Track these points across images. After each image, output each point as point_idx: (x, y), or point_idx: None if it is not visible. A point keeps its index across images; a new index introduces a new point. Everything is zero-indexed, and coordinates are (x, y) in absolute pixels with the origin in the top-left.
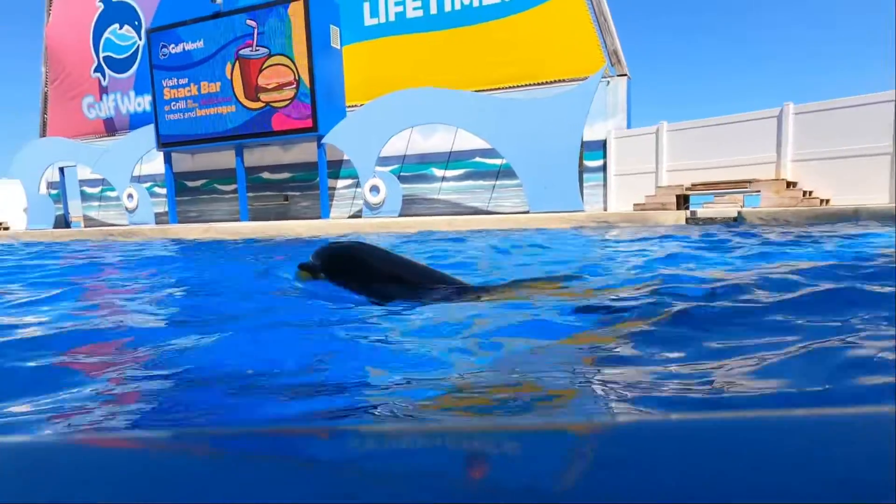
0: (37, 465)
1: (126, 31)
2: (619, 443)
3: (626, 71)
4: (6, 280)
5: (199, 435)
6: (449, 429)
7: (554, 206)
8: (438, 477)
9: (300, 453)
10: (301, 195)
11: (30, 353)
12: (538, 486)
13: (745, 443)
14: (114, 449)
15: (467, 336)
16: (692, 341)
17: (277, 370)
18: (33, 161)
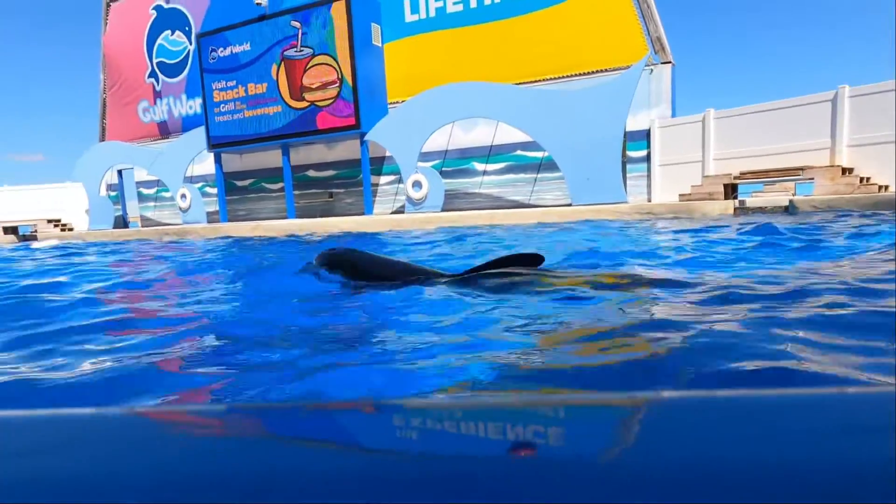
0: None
1: (177, 36)
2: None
3: (671, 58)
4: (76, 277)
5: (262, 409)
6: (492, 403)
7: (597, 197)
8: (483, 449)
9: (346, 427)
10: (345, 192)
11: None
12: (582, 458)
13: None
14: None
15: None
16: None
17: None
18: (94, 165)
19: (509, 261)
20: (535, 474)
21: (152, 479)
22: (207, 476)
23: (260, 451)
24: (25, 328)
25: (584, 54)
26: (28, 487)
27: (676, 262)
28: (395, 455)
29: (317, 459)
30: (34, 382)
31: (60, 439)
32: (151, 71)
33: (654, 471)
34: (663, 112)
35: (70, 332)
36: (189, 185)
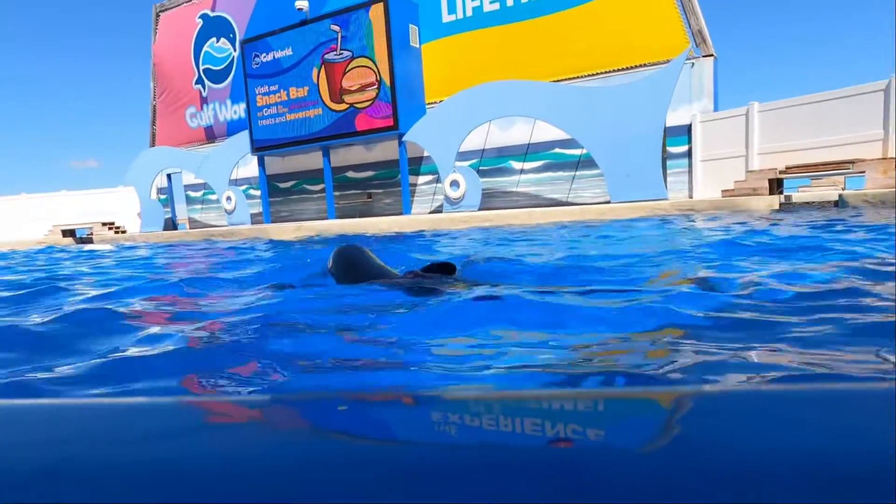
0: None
1: (223, 43)
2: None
3: (713, 51)
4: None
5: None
6: (530, 396)
7: (636, 195)
8: (520, 442)
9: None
10: (384, 192)
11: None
12: (621, 451)
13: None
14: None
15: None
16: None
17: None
18: (144, 169)
19: (433, 269)
20: (570, 467)
21: (196, 463)
22: (249, 461)
23: (298, 440)
24: (81, 325)
25: (623, 49)
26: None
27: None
28: (430, 446)
29: (353, 449)
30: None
31: (108, 427)
32: (198, 77)
33: (686, 466)
34: (705, 106)
35: (119, 328)
36: (234, 188)
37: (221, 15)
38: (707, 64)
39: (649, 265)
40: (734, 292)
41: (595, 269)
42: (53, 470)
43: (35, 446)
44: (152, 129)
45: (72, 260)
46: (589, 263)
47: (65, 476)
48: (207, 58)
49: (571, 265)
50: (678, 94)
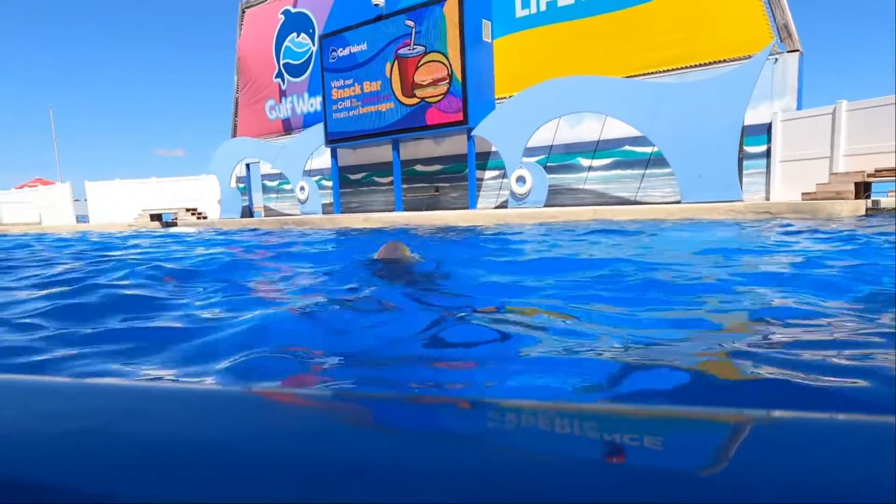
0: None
1: (302, 38)
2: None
3: (799, 46)
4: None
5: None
6: (587, 409)
7: (709, 195)
8: (573, 455)
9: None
10: (450, 186)
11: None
12: (675, 472)
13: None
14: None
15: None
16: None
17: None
18: (226, 158)
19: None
20: (623, 483)
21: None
22: (304, 456)
23: (354, 438)
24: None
25: (702, 44)
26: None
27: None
28: (484, 452)
29: (409, 451)
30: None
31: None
32: (278, 71)
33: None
34: (788, 104)
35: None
36: (307, 178)
37: (302, 11)
38: (792, 60)
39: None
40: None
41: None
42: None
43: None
44: (234, 120)
45: (157, 240)
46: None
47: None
48: (288, 52)
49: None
50: (759, 91)
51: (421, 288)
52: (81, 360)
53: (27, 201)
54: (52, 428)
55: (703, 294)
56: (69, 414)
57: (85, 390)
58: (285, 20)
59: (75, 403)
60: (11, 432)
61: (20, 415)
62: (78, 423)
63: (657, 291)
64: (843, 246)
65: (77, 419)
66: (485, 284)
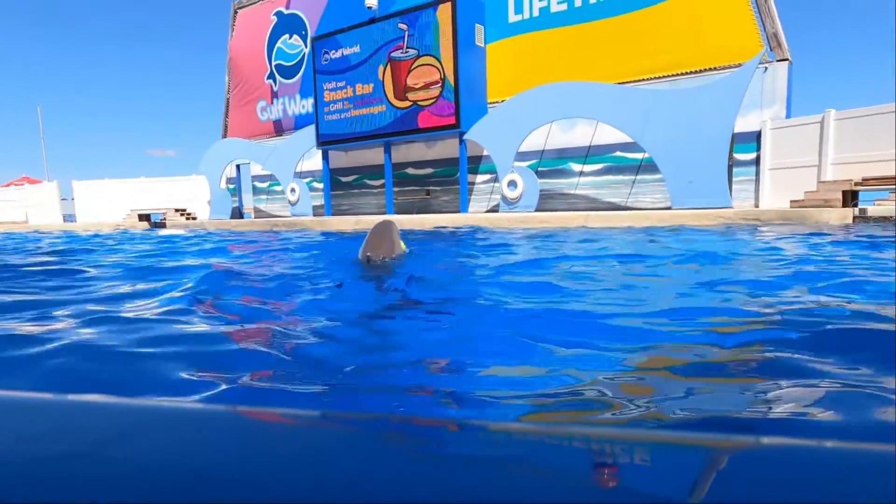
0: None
1: (294, 40)
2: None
3: (788, 55)
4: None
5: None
6: (578, 433)
7: (699, 202)
8: (565, 479)
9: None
10: (442, 190)
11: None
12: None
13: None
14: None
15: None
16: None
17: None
18: (216, 159)
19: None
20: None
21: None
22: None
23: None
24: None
25: (693, 52)
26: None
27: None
28: (468, 475)
29: (404, 474)
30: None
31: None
32: (270, 72)
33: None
34: (777, 113)
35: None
36: (298, 180)
37: (295, 12)
38: (781, 69)
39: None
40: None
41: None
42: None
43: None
44: (225, 121)
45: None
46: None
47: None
48: (280, 54)
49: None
50: (749, 100)
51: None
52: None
53: (13, 200)
54: (36, 450)
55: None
56: (54, 434)
57: (72, 408)
58: (278, 21)
59: (61, 423)
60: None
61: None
62: (63, 446)
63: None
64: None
65: (62, 441)
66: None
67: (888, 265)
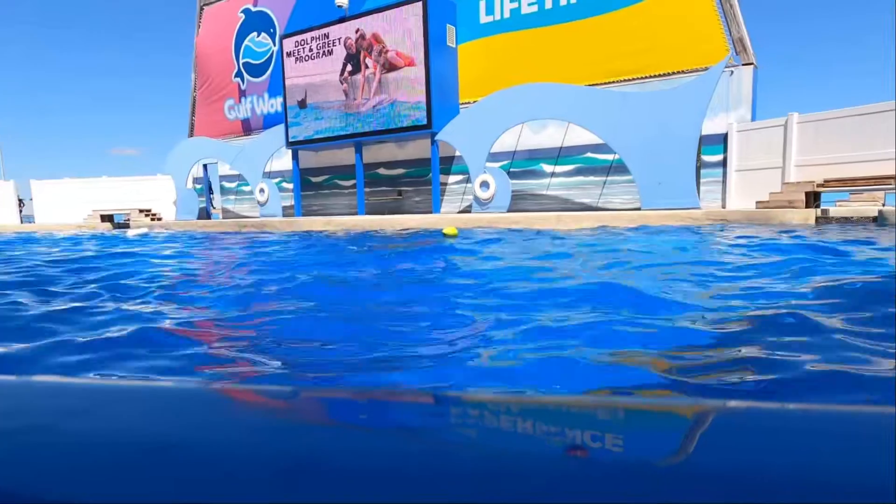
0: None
1: (263, 38)
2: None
3: (753, 60)
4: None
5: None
6: (547, 401)
7: (668, 202)
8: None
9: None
10: (414, 190)
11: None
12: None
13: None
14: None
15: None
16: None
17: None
18: (182, 159)
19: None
20: (585, 475)
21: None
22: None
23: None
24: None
25: (661, 55)
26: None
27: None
28: (446, 447)
29: (369, 446)
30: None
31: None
32: (238, 71)
33: (699, 482)
34: (743, 115)
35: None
36: (267, 180)
37: (263, 10)
38: (747, 73)
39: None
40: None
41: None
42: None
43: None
44: (191, 119)
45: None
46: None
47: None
48: (248, 52)
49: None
50: (715, 103)
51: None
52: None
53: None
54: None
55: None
56: (10, 412)
57: (27, 388)
58: (245, 19)
59: (17, 402)
60: None
61: None
62: (20, 422)
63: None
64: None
65: (19, 417)
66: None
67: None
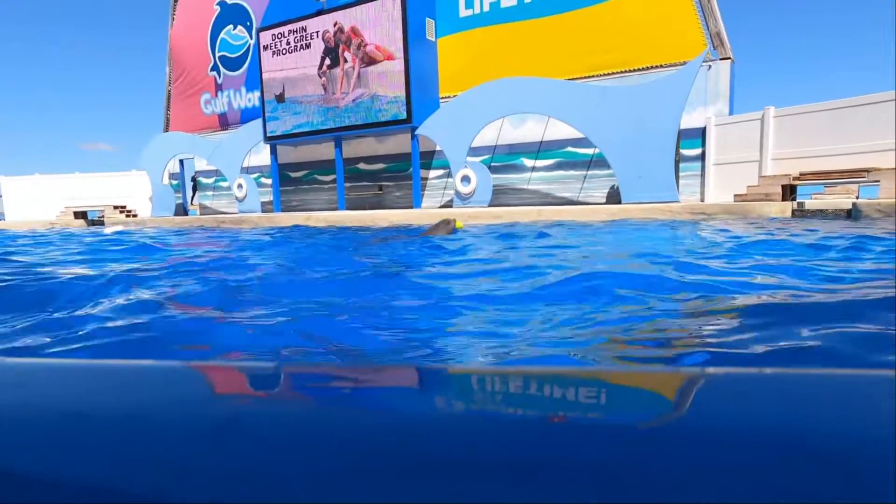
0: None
1: (239, 31)
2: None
3: (731, 54)
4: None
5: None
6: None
7: (648, 196)
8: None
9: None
10: (394, 185)
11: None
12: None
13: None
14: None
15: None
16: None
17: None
18: (158, 154)
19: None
20: (561, 442)
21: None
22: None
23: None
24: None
25: (640, 49)
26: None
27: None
28: (423, 417)
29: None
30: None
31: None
32: (214, 64)
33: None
34: (720, 110)
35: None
36: (245, 176)
37: (239, 3)
38: (724, 67)
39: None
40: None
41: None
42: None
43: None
44: (166, 114)
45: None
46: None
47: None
48: (224, 45)
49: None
50: (693, 97)
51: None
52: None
53: None
54: None
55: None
56: None
57: None
58: (221, 11)
59: None
60: None
61: None
62: None
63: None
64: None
65: None
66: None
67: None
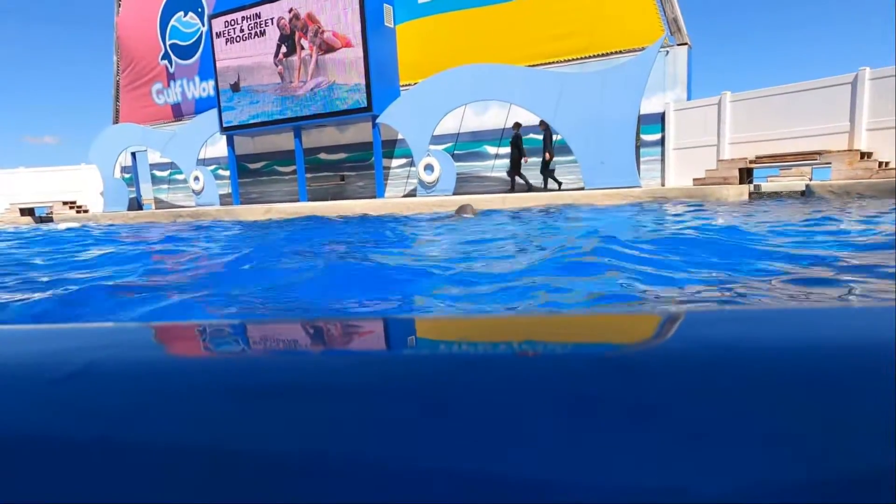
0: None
1: (190, 18)
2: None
3: (688, 40)
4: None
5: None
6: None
7: (610, 182)
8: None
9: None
10: (357, 175)
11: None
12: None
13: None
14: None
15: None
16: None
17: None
18: (108, 147)
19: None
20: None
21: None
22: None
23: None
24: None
25: (598, 36)
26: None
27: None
28: (395, 367)
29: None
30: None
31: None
32: (165, 53)
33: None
34: (679, 95)
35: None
36: (202, 168)
37: None
38: (681, 53)
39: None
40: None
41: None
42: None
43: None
44: (116, 105)
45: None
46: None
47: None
48: (174, 32)
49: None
50: (652, 83)
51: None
52: None
53: None
54: None
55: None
56: None
57: None
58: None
59: None
60: None
61: None
62: None
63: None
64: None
65: None
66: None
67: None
